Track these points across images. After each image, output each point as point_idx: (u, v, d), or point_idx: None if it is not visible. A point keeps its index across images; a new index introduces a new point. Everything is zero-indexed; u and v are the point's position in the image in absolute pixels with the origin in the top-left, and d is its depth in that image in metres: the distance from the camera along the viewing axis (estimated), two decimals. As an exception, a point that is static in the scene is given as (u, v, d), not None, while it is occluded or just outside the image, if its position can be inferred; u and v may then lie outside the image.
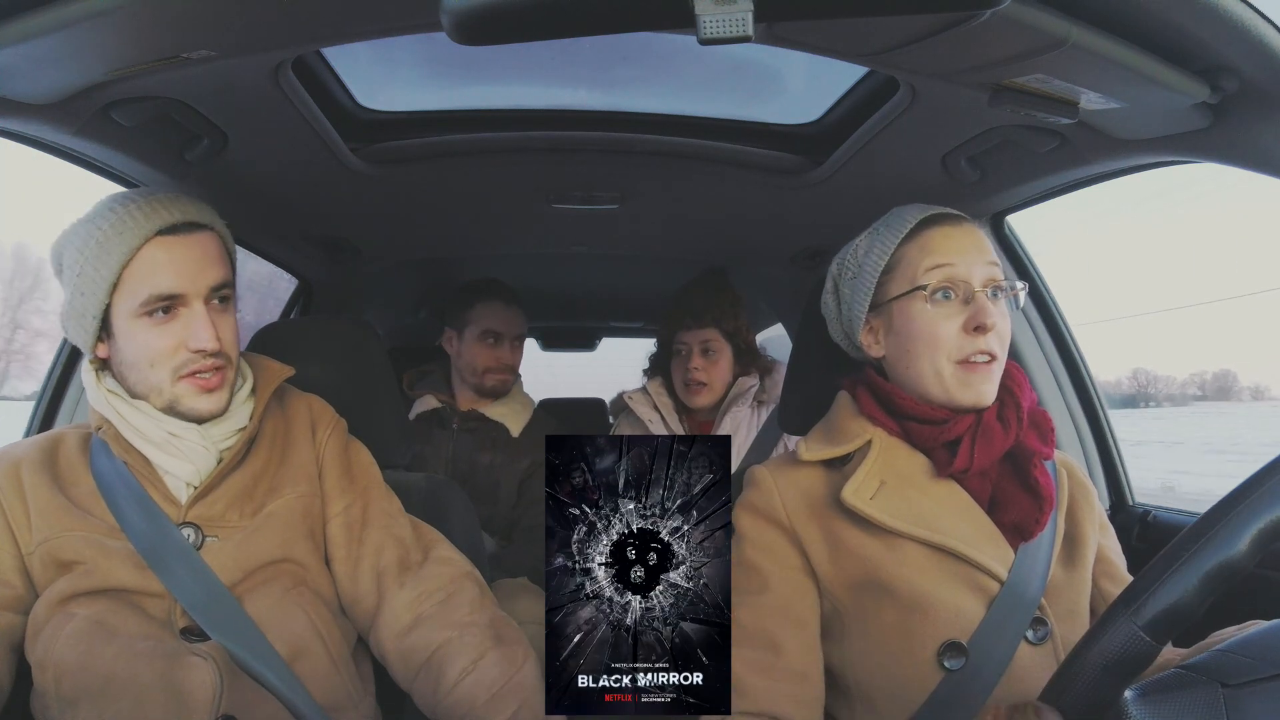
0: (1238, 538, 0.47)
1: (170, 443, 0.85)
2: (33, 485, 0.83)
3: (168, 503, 0.85)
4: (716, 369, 1.59)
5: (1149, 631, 0.47)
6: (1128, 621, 0.47)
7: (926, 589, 0.74)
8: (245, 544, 0.86)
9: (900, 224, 0.83)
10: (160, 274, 0.81)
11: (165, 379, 0.83)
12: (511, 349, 1.73)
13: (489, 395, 1.73)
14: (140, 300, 0.81)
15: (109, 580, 0.81)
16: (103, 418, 0.86)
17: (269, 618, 0.84)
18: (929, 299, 0.79)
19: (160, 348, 0.83)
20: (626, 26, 0.54)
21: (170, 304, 0.82)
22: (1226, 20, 0.65)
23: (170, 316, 0.83)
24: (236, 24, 0.72)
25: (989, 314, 0.77)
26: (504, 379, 1.71)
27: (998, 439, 0.78)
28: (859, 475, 0.78)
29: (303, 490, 0.92)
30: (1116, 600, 0.49)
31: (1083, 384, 1.45)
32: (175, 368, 0.83)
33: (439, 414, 1.72)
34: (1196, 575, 0.47)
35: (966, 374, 0.77)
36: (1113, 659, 0.47)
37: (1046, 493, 0.77)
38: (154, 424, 0.85)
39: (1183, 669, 0.47)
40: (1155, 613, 0.47)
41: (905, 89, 0.92)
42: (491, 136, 1.21)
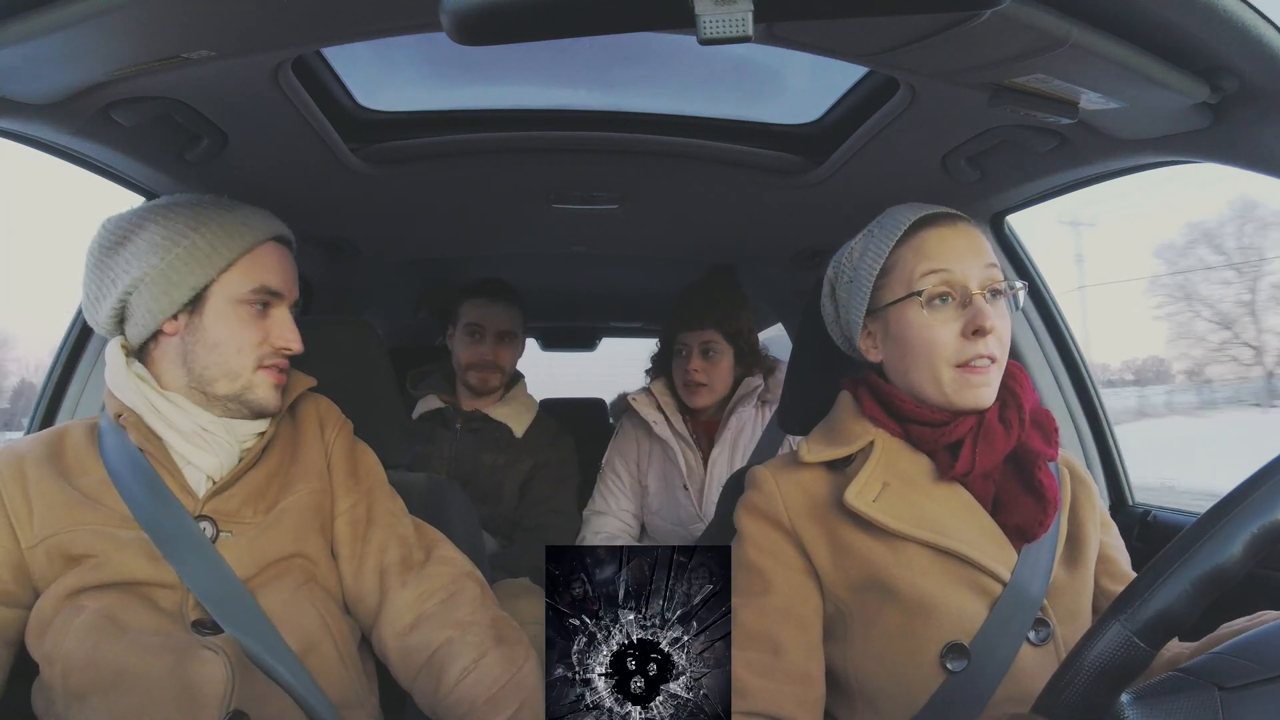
0: (1231, 543, 0.47)
1: (200, 435, 0.87)
2: (37, 479, 0.83)
3: (184, 493, 0.85)
4: (717, 370, 1.59)
5: (1143, 637, 0.47)
6: (1122, 628, 0.47)
7: (929, 591, 0.74)
8: (260, 539, 0.87)
9: (894, 226, 0.82)
10: (275, 271, 0.91)
11: (248, 365, 0.89)
12: (495, 345, 1.70)
13: (476, 393, 1.72)
14: (251, 287, 0.88)
15: (120, 573, 0.81)
16: (123, 405, 0.86)
17: (281, 612, 0.85)
18: (925, 305, 0.78)
19: (252, 336, 0.89)
20: (626, 26, 0.54)
21: (270, 300, 0.90)
22: (1226, 20, 0.65)
23: (265, 312, 0.90)
24: (236, 24, 0.72)
25: (987, 317, 0.76)
26: (484, 376, 1.69)
27: (999, 440, 0.77)
28: (861, 477, 0.78)
29: (314, 486, 0.94)
30: (1110, 606, 0.49)
31: (1083, 384, 1.46)
32: (260, 357, 0.89)
33: (442, 414, 1.72)
34: (1190, 580, 0.47)
35: (965, 377, 0.77)
36: (1107, 664, 0.47)
37: (1051, 495, 0.76)
38: (185, 415, 0.87)
39: (1179, 672, 0.48)
40: (1149, 618, 0.47)
41: (905, 89, 0.92)
42: (491, 136, 1.21)
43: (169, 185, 1.09)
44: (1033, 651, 0.73)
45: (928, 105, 0.95)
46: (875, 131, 1.06)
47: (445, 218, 1.58)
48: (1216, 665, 0.47)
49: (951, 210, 0.83)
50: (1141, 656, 0.47)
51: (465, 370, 1.71)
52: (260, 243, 0.90)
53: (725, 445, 1.59)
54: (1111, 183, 1.14)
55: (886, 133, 1.06)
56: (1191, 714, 0.45)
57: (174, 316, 0.87)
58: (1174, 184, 41.33)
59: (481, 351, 1.69)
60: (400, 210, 1.48)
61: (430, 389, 1.76)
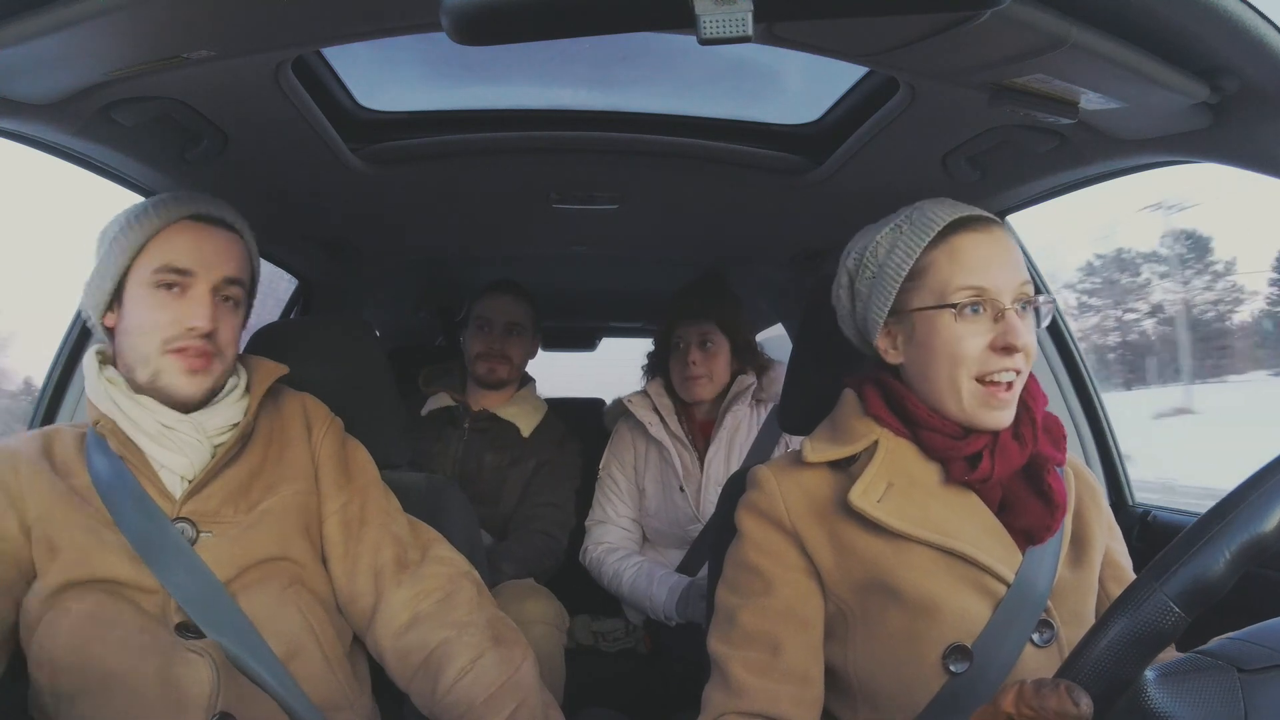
0: (1269, 512, 0.47)
1: (164, 435, 0.86)
2: (30, 472, 0.83)
3: (163, 498, 0.85)
4: (715, 362, 1.60)
5: (1180, 603, 0.46)
6: (1159, 592, 0.47)
7: (933, 592, 0.74)
8: (240, 540, 0.86)
9: (927, 225, 0.78)
10: (180, 249, 0.87)
11: (155, 348, 0.86)
12: (504, 336, 1.72)
13: (484, 386, 1.73)
14: (154, 268, 0.86)
15: (102, 569, 0.81)
16: (100, 412, 0.86)
17: (264, 616, 0.84)
18: (958, 316, 0.75)
19: (159, 318, 0.86)
20: (626, 26, 0.54)
21: (180, 280, 0.86)
22: (1226, 20, 0.65)
23: (178, 294, 0.87)
24: (236, 24, 0.72)
25: (1018, 334, 0.74)
26: (492, 365, 1.70)
27: (1014, 454, 0.77)
28: (866, 477, 0.77)
29: (299, 488, 0.93)
30: (1145, 571, 0.48)
31: (1083, 384, 1.46)
32: (166, 339, 0.86)
33: (451, 412, 1.72)
34: (1229, 548, 0.47)
35: (987, 396, 0.75)
36: (1142, 630, 0.46)
37: (1059, 499, 0.76)
38: (149, 415, 0.86)
39: (1199, 653, 0.48)
40: (1186, 584, 0.46)
41: (905, 89, 0.92)
42: (491, 136, 1.21)
43: (169, 185, 1.09)
44: (1036, 653, 0.73)
45: (928, 105, 0.95)
46: (875, 131, 1.06)
47: (445, 218, 1.58)
48: (1235, 649, 0.48)
49: (986, 214, 0.79)
50: (1176, 623, 0.46)
51: (474, 361, 1.72)
52: (169, 223, 0.87)
53: (721, 445, 1.59)
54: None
55: (886, 133, 1.06)
56: (1212, 693, 0.45)
57: (109, 309, 0.88)
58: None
59: (490, 341, 1.71)
60: (400, 210, 1.48)
61: (442, 386, 1.77)
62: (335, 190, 1.30)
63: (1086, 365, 1.46)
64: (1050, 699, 0.45)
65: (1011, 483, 0.78)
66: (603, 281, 2.42)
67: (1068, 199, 1.22)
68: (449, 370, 1.81)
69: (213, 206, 0.91)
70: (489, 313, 1.73)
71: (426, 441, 1.69)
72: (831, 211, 1.40)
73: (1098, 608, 0.80)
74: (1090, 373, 1.46)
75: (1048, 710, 0.45)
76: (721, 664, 0.78)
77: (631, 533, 1.68)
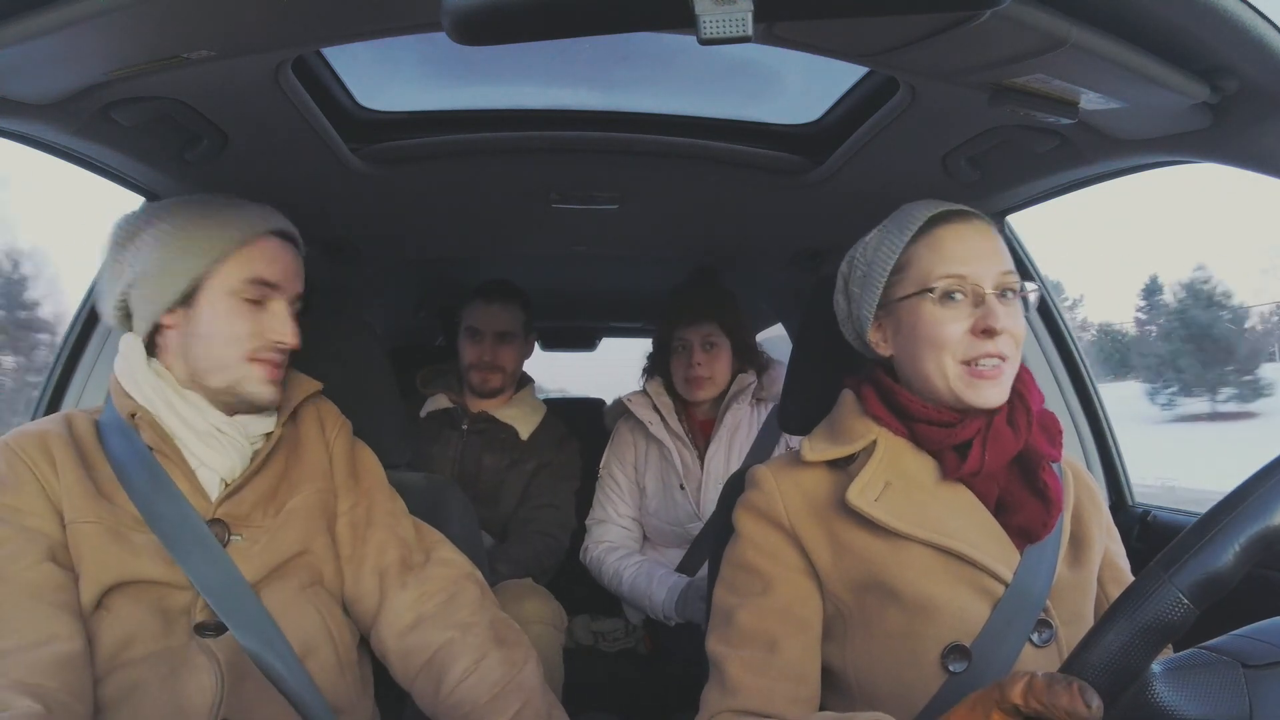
0: (1278, 506, 0.47)
1: (215, 436, 0.87)
2: (63, 460, 0.82)
3: (196, 495, 0.85)
4: (718, 363, 1.60)
5: (1189, 595, 0.46)
6: (1168, 583, 0.47)
7: (931, 592, 0.74)
8: (270, 543, 0.87)
9: (909, 222, 0.81)
10: (271, 263, 0.90)
11: (238, 356, 0.87)
12: (494, 346, 1.71)
13: (479, 394, 1.72)
14: (245, 278, 0.88)
15: (131, 571, 0.80)
16: (137, 403, 0.86)
17: (284, 613, 0.85)
18: (938, 300, 0.77)
19: (243, 329, 0.88)
20: (626, 26, 0.54)
21: (266, 294, 0.89)
22: (1226, 20, 0.65)
23: (262, 306, 0.89)
24: (236, 24, 0.72)
25: (998, 318, 0.75)
26: (485, 376, 1.70)
27: (1008, 442, 0.77)
28: (864, 476, 0.77)
29: (320, 485, 0.94)
30: (1154, 562, 0.48)
31: (1083, 384, 1.46)
32: (252, 349, 0.88)
33: (450, 414, 1.72)
34: (1237, 540, 0.47)
35: (972, 377, 0.76)
36: (1151, 621, 0.46)
37: (1055, 496, 0.76)
38: (200, 415, 0.86)
39: (1204, 649, 0.48)
40: (1196, 576, 0.46)
41: (905, 89, 0.92)
42: (491, 136, 1.21)
43: (169, 185, 1.09)
44: (1035, 653, 0.73)
45: (928, 105, 0.95)
46: (875, 131, 1.06)
47: (445, 218, 1.58)
48: (1240, 645, 0.48)
49: (966, 208, 0.82)
50: (1185, 615, 0.46)
51: (468, 371, 1.72)
52: (257, 236, 0.89)
53: (721, 443, 1.60)
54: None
55: (886, 133, 1.06)
56: (1217, 688, 0.45)
57: (172, 309, 0.87)
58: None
59: (480, 352, 1.70)
60: (400, 210, 1.48)
61: (440, 388, 1.76)
62: (335, 190, 1.30)
63: (1086, 365, 1.46)
64: (1062, 696, 0.45)
65: (1007, 481, 0.78)
66: (603, 281, 2.42)
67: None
68: (446, 371, 1.81)
69: (288, 224, 0.95)
70: (478, 323, 1.71)
71: (425, 443, 1.69)
72: (831, 211, 1.40)
73: (1096, 609, 0.80)
74: (1090, 373, 1.46)
75: (1058, 707, 0.45)
76: (719, 664, 0.78)
77: (632, 532, 1.68)
